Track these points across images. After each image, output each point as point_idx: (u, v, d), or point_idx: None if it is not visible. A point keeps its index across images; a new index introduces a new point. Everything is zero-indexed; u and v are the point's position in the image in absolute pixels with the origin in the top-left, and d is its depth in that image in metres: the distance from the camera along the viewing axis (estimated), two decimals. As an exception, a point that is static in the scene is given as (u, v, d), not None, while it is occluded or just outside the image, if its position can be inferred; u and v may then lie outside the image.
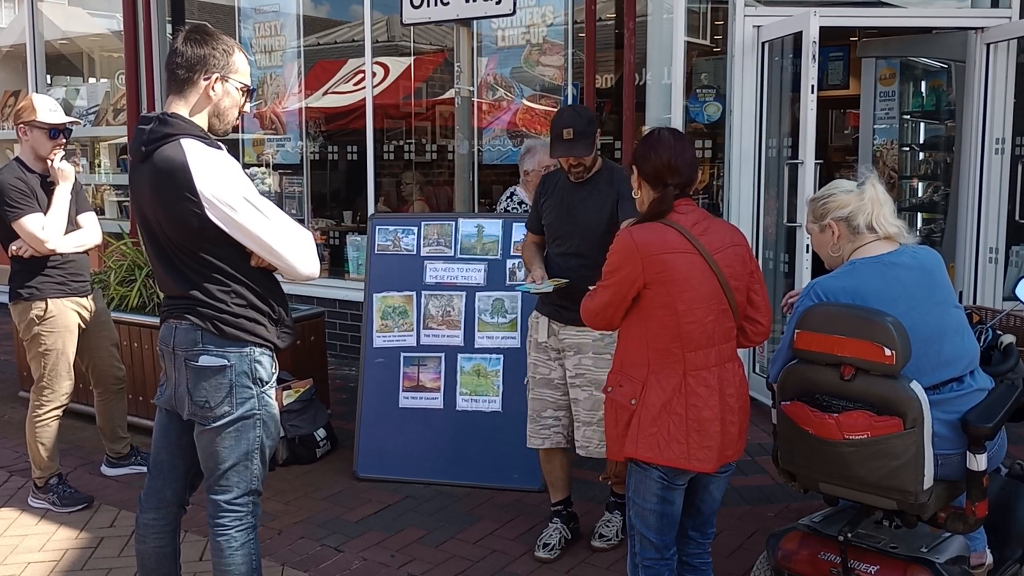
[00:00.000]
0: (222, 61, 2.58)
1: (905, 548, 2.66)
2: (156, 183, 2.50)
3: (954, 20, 5.64)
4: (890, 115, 7.38)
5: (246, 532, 2.67)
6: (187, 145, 2.48)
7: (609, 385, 2.72)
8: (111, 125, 8.42)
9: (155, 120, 2.52)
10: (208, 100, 2.59)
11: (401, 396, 4.58)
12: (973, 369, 2.69)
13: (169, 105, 2.59)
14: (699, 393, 2.57)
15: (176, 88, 2.58)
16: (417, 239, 4.69)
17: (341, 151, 7.64)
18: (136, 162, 2.57)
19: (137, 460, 4.61)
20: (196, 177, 2.43)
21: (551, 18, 6.29)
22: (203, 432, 2.62)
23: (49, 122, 4.08)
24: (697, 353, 2.58)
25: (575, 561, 3.66)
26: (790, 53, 5.42)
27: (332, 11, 7.76)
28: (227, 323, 2.56)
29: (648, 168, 2.66)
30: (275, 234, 2.52)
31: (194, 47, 2.55)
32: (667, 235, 2.58)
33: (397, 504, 4.23)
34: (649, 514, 2.66)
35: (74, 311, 4.21)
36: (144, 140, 2.52)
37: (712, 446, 2.58)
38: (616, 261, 2.61)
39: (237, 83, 2.62)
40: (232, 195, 2.46)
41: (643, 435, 2.59)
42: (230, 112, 2.65)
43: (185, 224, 2.48)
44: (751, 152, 5.43)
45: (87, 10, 9.09)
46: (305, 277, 2.61)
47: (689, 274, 2.56)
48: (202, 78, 2.56)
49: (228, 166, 2.51)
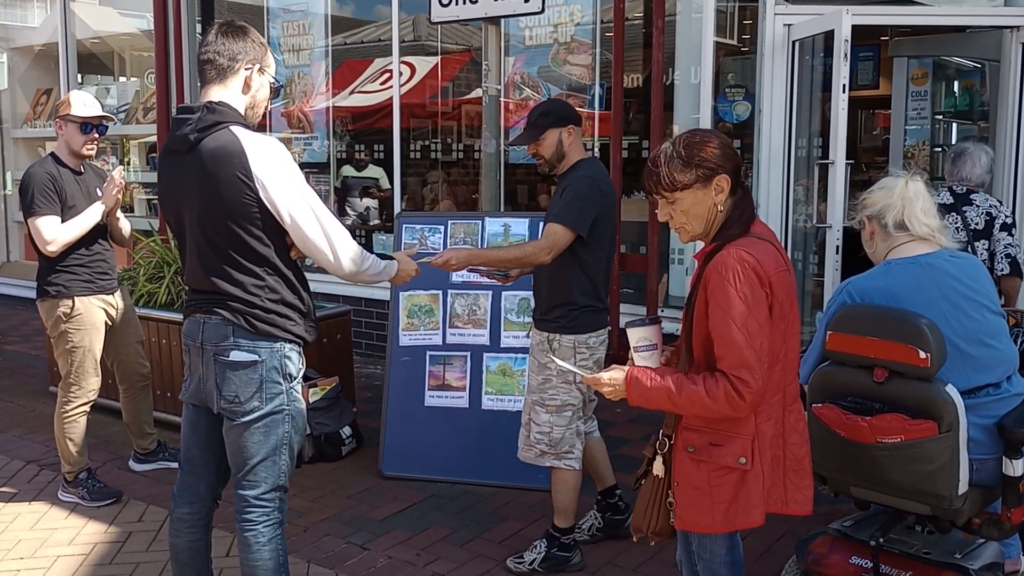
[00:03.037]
0: (260, 53, 2.65)
1: (938, 554, 2.62)
2: (208, 170, 2.49)
3: (988, 19, 5.55)
4: (922, 115, 7.28)
5: (273, 528, 2.68)
6: (239, 132, 2.51)
7: (691, 444, 2.25)
8: (141, 123, 8.50)
9: (202, 109, 2.53)
10: (248, 90, 2.63)
11: (427, 395, 4.58)
12: (1011, 374, 2.65)
13: (211, 95, 2.60)
14: (797, 429, 2.29)
15: (218, 78, 2.60)
16: (444, 238, 4.69)
17: (368, 150, 7.67)
18: (180, 151, 2.56)
19: (165, 456, 4.63)
20: (252, 161, 2.46)
21: (579, 17, 6.27)
22: (232, 427, 2.63)
23: (80, 115, 4.09)
24: (793, 384, 2.29)
25: (601, 562, 3.64)
26: (821, 52, 5.36)
27: (359, 11, 7.79)
28: (259, 319, 2.57)
29: (734, 166, 2.25)
30: (323, 224, 2.55)
31: (234, 38, 2.61)
32: (770, 249, 2.22)
33: (422, 503, 4.23)
34: (720, 567, 2.42)
35: (101, 308, 4.24)
36: (194, 128, 2.52)
37: (808, 485, 2.30)
38: (747, 291, 2.12)
39: (271, 77, 2.68)
40: (287, 180, 2.50)
41: (757, 498, 2.20)
42: (262, 105, 2.71)
43: (237, 210, 2.48)
44: (780, 152, 5.38)
45: (118, 10, 9.19)
46: (347, 273, 2.63)
47: (792, 294, 2.24)
48: (243, 68, 2.61)
49: (282, 152, 2.55)
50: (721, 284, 2.13)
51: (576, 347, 3.40)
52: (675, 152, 2.21)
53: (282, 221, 2.52)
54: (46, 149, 4.35)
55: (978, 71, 6.96)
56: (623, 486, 3.80)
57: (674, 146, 2.22)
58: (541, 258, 3.31)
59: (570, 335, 3.40)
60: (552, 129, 3.42)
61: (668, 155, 2.22)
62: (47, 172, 4.06)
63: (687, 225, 2.25)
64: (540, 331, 3.48)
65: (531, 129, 3.45)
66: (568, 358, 3.34)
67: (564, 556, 3.56)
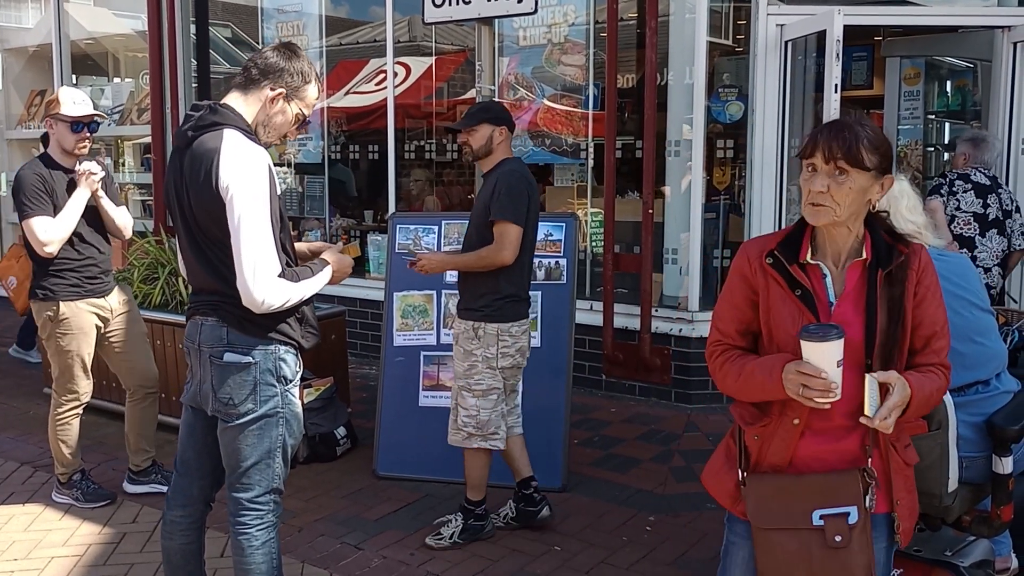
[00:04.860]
0: (295, 82, 2.63)
1: (929, 551, 2.64)
2: (191, 169, 2.51)
3: (980, 19, 5.58)
4: (915, 115, 7.32)
5: (267, 531, 2.68)
6: (228, 135, 2.50)
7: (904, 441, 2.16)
8: (135, 124, 8.49)
9: (206, 108, 2.54)
10: (263, 108, 2.61)
11: (421, 395, 4.58)
12: (1000, 372, 2.66)
13: (227, 98, 2.60)
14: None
15: (242, 84, 2.61)
16: (438, 238, 4.70)
17: (362, 151, 7.66)
18: (180, 147, 2.58)
19: (158, 478, 4.35)
20: (223, 162, 2.45)
21: (573, 17, 6.27)
22: (226, 429, 2.63)
23: (69, 115, 3.97)
24: None
25: (595, 561, 3.65)
26: (813, 52, 5.38)
27: (354, 11, 7.79)
28: (253, 320, 2.56)
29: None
30: (256, 248, 2.45)
31: (277, 57, 2.60)
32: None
33: (417, 503, 4.23)
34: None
35: (90, 313, 4.12)
36: (192, 126, 2.54)
37: None
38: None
39: (298, 109, 2.65)
40: (246, 189, 2.45)
41: None
42: (277, 129, 2.67)
43: (211, 212, 2.49)
44: (773, 152, 5.40)
45: (112, 10, 9.18)
46: (250, 301, 2.48)
47: None
48: (268, 87, 2.59)
49: (256, 163, 2.49)
50: (936, 279, 2.14)
51: (499, 335, 3.65)
52: (869, 132, 2.05)
53: (230, 225, 2.46)
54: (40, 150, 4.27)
55: (970, 71, 7.00)
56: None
57: (863, 127, 2.06)
58: (504, 257, 3.58)
59: (494, 323, 3.65)
60: (487, 124, 3.69)
61: (864, 132, 2.04)
62: (35, 173, 3.98)
63: (837, 207, 2.04)
64: (464, 320, 3.71)
65: (468, 119, 3.75)
66: (491, 345, 3.65)
67: (479, 525, 3.81)
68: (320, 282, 2.68)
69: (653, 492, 4.24)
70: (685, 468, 4.52)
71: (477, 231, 3.72)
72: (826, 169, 2.04)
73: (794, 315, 2.06)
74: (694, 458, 4.58)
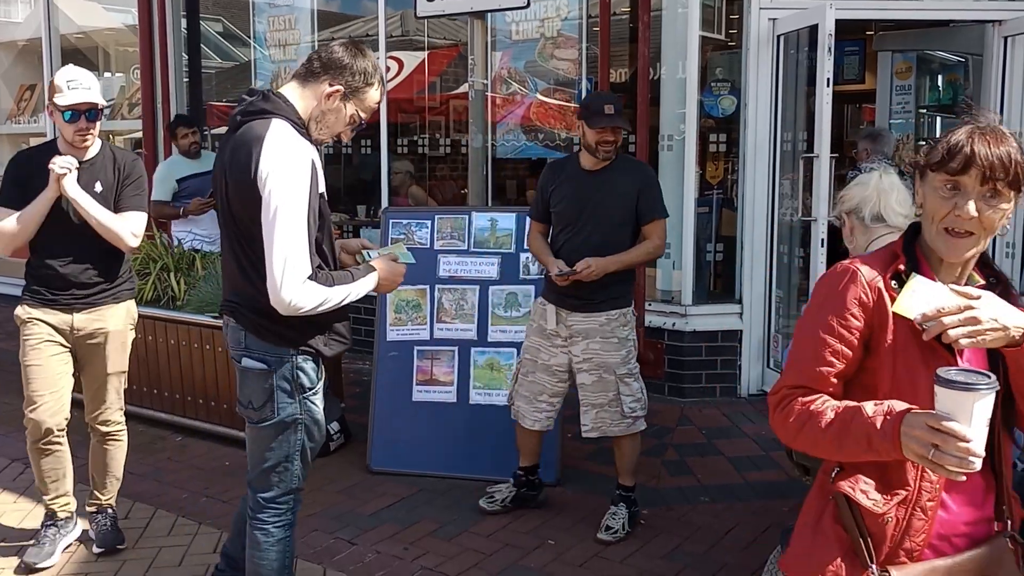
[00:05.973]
0: (356, 82, 2.54)
1: (922, 544, 2.63)
2: (232, 155, 2.44)
3: (971, 13, 5.59)
4: (906, 109, 7.34)
5: (284, 528, 2.69)
6: (275, 124, 2.41)
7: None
8: (126, 119, 8.46)
9: (259, 95, 2.48)
10: (318, 103, 2.52)
11: (414, 390, 4.58)
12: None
13: (284, 87, 2.54)
14: None
15: (303, 75, 2.54)
16: (431, 233, 4.69)
17: (355, 145, 7.64)
18: (229, 132, 2.52)
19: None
20: (263, 155, 2.35)
21: (565, 12, 6.27)
22: (249, 428, 2.67)
23: (60, 104, 3.39)
24: None
25: (588, 554, 3.66)
26: (806, 46, 5.38)
27: (346, 6, 7.77)
28: (269, 327, 2.50)
29: None
30: (289, 245, 2.34)
31: (342, 53, 2.52)
32: None
33: (410, 497, 4.23)
34: None
35: (48, 324, 3.51)
36: (241, 111, 2.48)
37: None
38: None
39: (354, 110, 2.57)
40: (286, 181, 2.34)
41: None
42: (330, 128, 2.57)
43: (245, 203, 2.40)
44: (766, 146, 5.40)
45: (102, 4, 9.12)
46: (277, 301, 2.38)
47: None
48: (327, 82, 2.51)
49: (299, 158, 2.38)
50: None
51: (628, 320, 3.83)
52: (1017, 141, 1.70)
53: (263, 218, 2.35)
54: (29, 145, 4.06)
55: (961, 65, 7.01)
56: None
57: (1012, 134, 1.71)
58: (662, 250, 3.87)
59: (631, 306, 3.83)
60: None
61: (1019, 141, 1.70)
62: (15, 159, 3.57)
63: (985, 235, 1.69)
64: (611, 310, 3.74)
65: (623, 115, 3.78)
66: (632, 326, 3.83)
67: (637, 510, 3.91)
68: (362, 289, 2.57)
69: (646, 485, 4.25)
70: (678, 461, 4.53)
71: (613, 227, 3.71)
72: (979, 191, 1.65)
73: (926, 357, 1.65)
74: (687, 452, 4.59)
